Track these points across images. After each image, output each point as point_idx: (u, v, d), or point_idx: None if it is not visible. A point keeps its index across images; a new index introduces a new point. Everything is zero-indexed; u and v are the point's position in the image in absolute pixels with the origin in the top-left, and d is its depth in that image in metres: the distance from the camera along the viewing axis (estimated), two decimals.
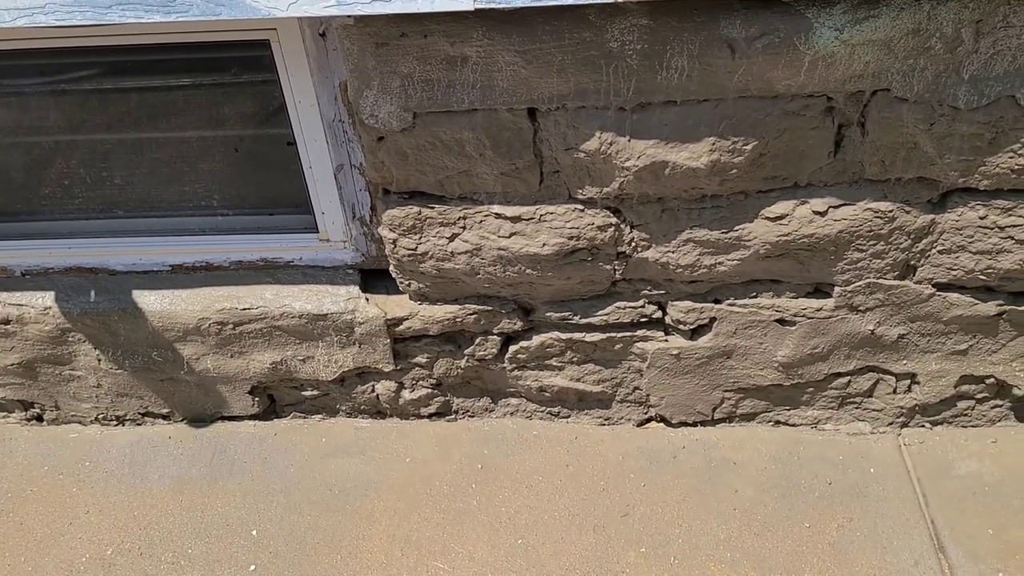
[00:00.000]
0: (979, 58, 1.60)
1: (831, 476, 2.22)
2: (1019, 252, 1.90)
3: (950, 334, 2.10)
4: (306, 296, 2.21)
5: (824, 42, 1.59)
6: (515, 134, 1.81)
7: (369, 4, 1.52)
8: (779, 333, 2.15)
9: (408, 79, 1.71)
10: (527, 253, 2.01)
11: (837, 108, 1.73)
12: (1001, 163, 1.75)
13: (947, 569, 1.96)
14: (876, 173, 1.81)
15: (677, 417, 2.40)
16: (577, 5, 1.55)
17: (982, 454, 2.23)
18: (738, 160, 1.79)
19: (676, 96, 1.72)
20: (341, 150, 2.01)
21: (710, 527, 2.12)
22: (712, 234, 1.95)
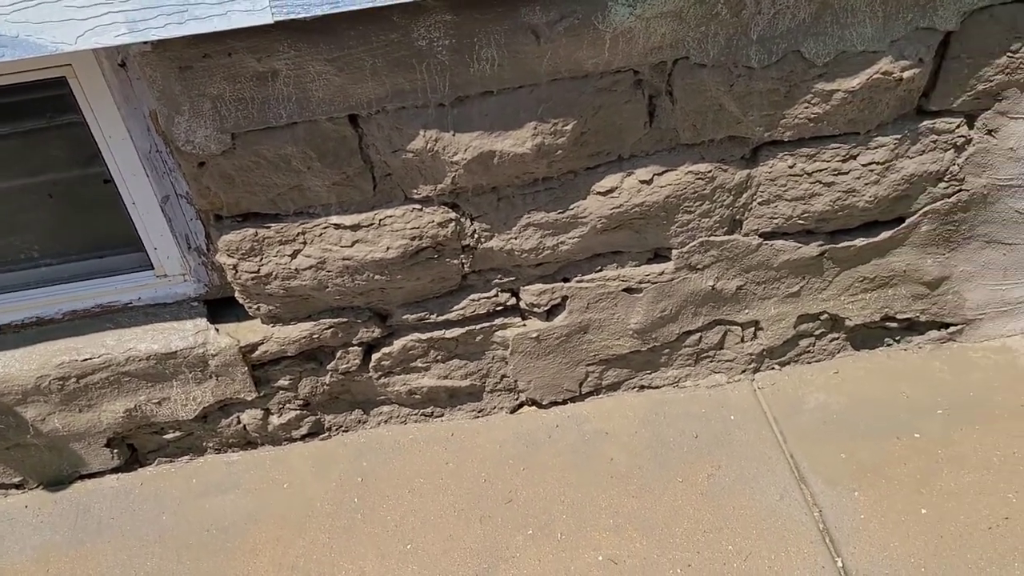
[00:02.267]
0: (763, 19, 1.71)
1: (697, 430, 2.32)
2: (828, 194, 2.04)
3: (782, 279, 2.23)
4: (151, 336, 2.12)
5: (620, 19, 1.66)
6: (340, 142, 1.80)
7: (163, 28, 1.48)
8: (629, 302, 2.23)
9: (219, 100, 1.68)
10: (373, 259, 2.00)
11: (645, 80, 1.80)
12: (799, 114, 1.88)
13: (809, 497, 2.09)
14: (690, 137, 1.91)
15: (547, 398, 2.45)
16: (378, 8, 1.56)
17: (827, 386, 2.39)
18: (561, 141, 1.84)
19: (492, 86, 1.75)
20: (164, 181, 1.94)
21: (591, 498, 2.18)
22: (550, 216, 2.00)
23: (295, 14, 1.50)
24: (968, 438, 2.17)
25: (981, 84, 1.90)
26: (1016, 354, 2.39)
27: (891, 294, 2.31)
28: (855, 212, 2.09)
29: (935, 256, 2.23)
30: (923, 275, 2.27)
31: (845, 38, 1.76)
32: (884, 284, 2.28)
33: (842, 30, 1.75)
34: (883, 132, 1.95)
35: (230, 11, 1.49)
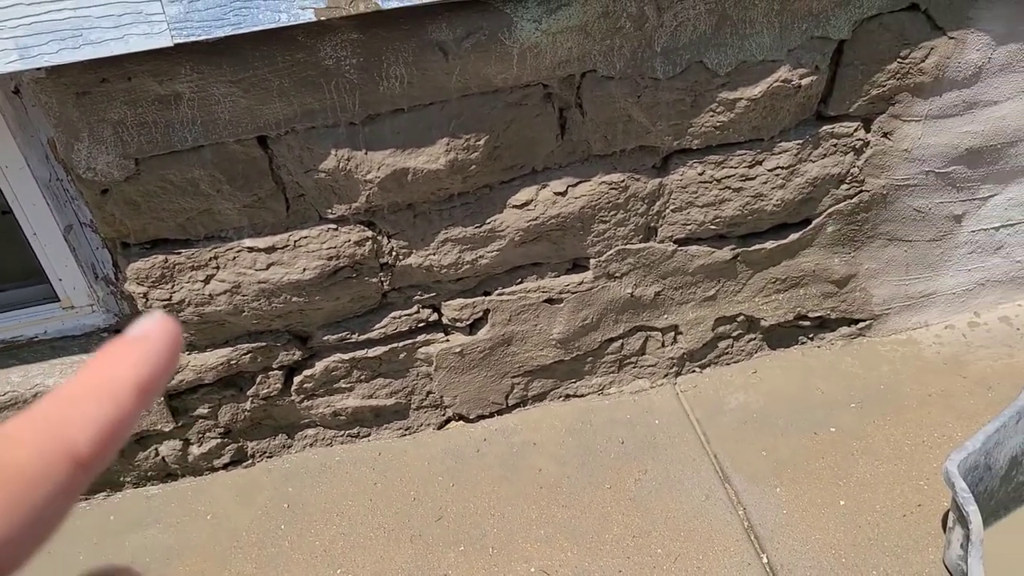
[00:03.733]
0: (666, 31, 1.75)
1: (623, 435, 2.35)
2: (738, 199, 2.09)
3: (698, 283, 2.28)
4: (60, 370, 2.05)
5: (526, 34, 1.67)
6: (249, 164, 1.77)
7: (56, 54, 1.43)
8: (550, 312, 2.25)
9: (121, 125, 1.63)
10: (289, 281, 1.97)
11: (555, 94, 1.83)
12: (705, 122, 1.92)
13: (734, 496, 2.14)
14: (602, 148, 1.94)
15: (474, 412, 2.45)
16: (282, 28, 1.54)
17: (746, 386, 2.45)
18: (475, 156, 1.85)
19: (403, 103, 1.75)
20: (66, 210, 1.88)
21: (521, 510, 2.18)
22: (467, 230, 2.00)
23: (195, 36, 1.48)
24: (880, 430, 2.24)
25: (875, 89, 1.98)
26: (921, 346, 2.49)
27: (802, 294, 2.38)
28: (764, 216, 2.15)
29: (841, 255, 2.31)
30: (831, 274, 2.34)
31: (745, 48, 1.82)
32: (795, 284, 2.35)
33: (742, 40, 1.80)
34: (786, 138, 2.02)
35: (127, 35, 1.45)
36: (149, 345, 0.28)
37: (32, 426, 0.25)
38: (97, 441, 0.25)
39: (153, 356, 0.27)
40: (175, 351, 0.28)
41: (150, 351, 0.27)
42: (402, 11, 1.58)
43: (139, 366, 0.27)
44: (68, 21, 1.42)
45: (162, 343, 0.28)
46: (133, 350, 0.27)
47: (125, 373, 0.27)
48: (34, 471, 0.24)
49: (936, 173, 2.17)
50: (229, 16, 1.47)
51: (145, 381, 0.27)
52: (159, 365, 0.27)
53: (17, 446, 0.24)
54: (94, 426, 0.25)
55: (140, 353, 0.27)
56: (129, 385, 0.26)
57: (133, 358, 0.27)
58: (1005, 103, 2.06)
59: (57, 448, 0.25)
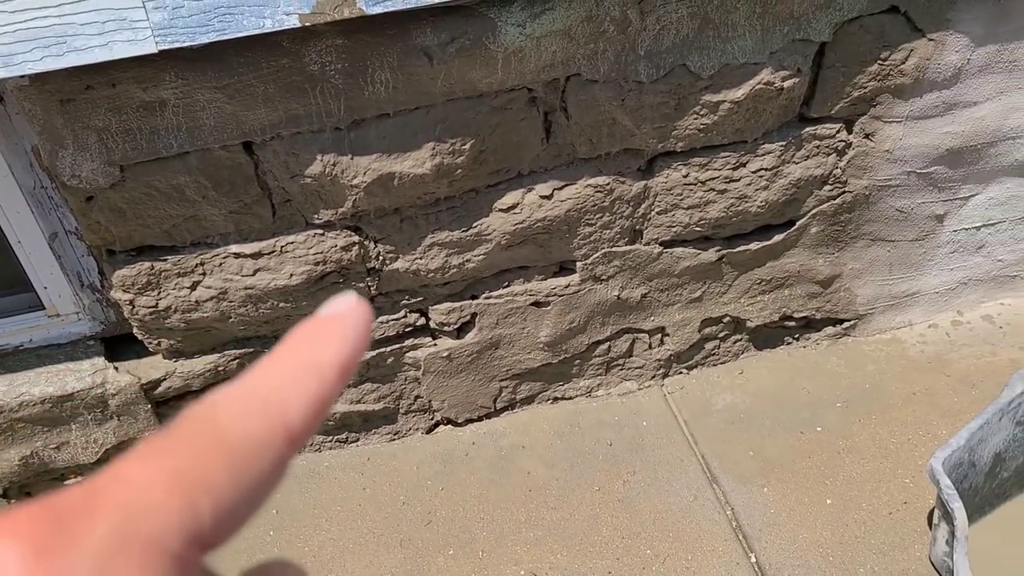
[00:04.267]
0: (649, 34, 1.76)
1: (611, 437, 2.36)
2: (722, 201, 2.11)
3: (684, 285, 2.29)
4: (45, 379, 2.04)
5: (511, 39, 1.68)
6: (235, 170, 1.77)
7: (40, 61, 1.43)
8: (537, 315, 2.25)
9: (105, 132, 1.63)
10: (276, 287, 1.97)
11: (539, 98, 1.84)
12: (689, 125, 1.94)
13: (721, 496, 2.15)
14: (587, 152, 1.95)
15: (462, 416, 2.46)
16: (267, 34, 1.54)
17: (733, 386, 2.46)
18: (460, 160, 1.86)
19: (388, 108, 1.75)
20: (51, 218, 1.87)
21: (510, 513, 2.19)
22: (454, 234, 2.01)
23: (180, 43, 1.48)
24: (866, 429, 2.26)
25: (856, 91, 2.00)
26: (905, 345, 2.52)
27: (787, 294, 2.40)
28: (748, 217, 2.17)
29: (826, 256, 2.33)
30: (816, 274, 2.36)
31: (728, 51, 1.84)
32: (780, 285, 2.37)
33: (724, 43, 1.82)
34: (769, 140, 2.03)
35: (112, 41, 1.45)
36: (346, 325, 0.28)
37: (253, 399, 0.26)
38: (307, 418, 0.26)
39: (350, 336, 0.28)
40: (368, 332, 0.29)
41: (347, 331, 0.28)
42: (387, 16, 1.59)
43: (340, 346, 0.28)
44: (52, 28, 1.42)
45: (357, 323, 0.29)
46: (332, 329, 0.28)
47: (328, 352, 0.28)
48: (259, 442, 0.25)
49: (917, 173, 2.19)
50: (213, 22, 1.47)
51: (345, 361, 0.28)
52: (356, 345, 0.28)
53: (242, 417, 0.25)
54: (305, 403, 0.26)
55: (339, 333, 0.28)
56: (332, 364, 0.27)
57: (334, 337, 0.28)
58: (984, 104, 2.09)
59: (276, 422, 0.25)
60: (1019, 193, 2.33)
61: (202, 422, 0.25)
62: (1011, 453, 1.94)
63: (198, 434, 0.24)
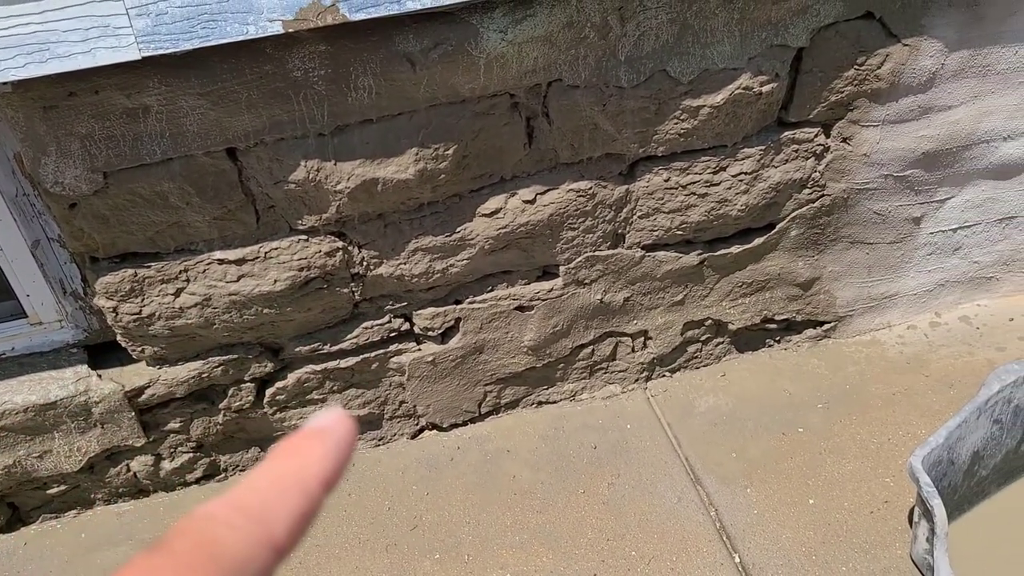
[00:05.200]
0: (629, 40, 1.79)
1: (595, 441, 2.37)
2: (703, 205, 2.13)
3: (666, 288, 2.31)
4: (28, 387, 2.03)
5: (492, 44, 1.70)
6: (219, 177, 1.77)
7: (23, 68, 1.43)
8: (521, 320, 2.27)
9: (89, 139, 1.63)
10: (260, 293, 1.97)
11: (521, 103, 1.85)
12: (669, 130, 1.96)
13: (705, 497, 2.17)
14: (569, 156, 1.96)
15: (447, 420, 2.46)
16: (250, 40, 1.55)
17: (716, 388, 2.48)
18: (444, 165, 1.87)
19: (371, 114, 1.76)
20: (33, 225, 1.87)
21: (496, 517, 2.19)
22: (437, 239, 2.02)
23: (163, 49, 1.48)
24: (847, 429, 2.29)
25: (833, 95, 2.03)
26: (885, 346, 2.55)
27: (768, 297, 2.42)
28: (729, 221, 2.19)
29: (805, 258, 2.35)
30: (796, 277, 2.39)
31: (707, 56, 1.86)
32: (761, 288, 2.39)
33: (703, 49, 1.85)
34: (749, 144, 2.06)
35: (94, 48, 1.45)
36: (331, 440, 0.29)
37: (242, 515, 0.27)
38: (293, 531, 0.27)
39: (335, 451, 0.29)
40: (352, 446, 0.30)
41: (332, 446, 0.29)
42: (369, 23, 1.60)
43: (324, 461, 0.29)
44: (35, 35, 1.42)
45: (342, 438, 0.30)
46: (318, 445, 0.29)
47: (313, 468, 0.28)
48: (248, 557, 0.26)
49: (894, 177, 2.22)
50: (197, 29, 1.48)
51: (330, 475, 0.29)
52: (340, 460, 0.29)
53: (231, 532, 0.26)
54: (291, 518, 0.27)
55: (324, 448, 0.29)
56: (317, 479, 0.28)
57: (318, 453, 0.29)
58: (959, 107, 2.12)
59: (262, 536, 0.26)
60: (994, 195, 2.37)
61: (194, 537, 0.26)
62: (989, 451, 1.97)
63: (191, 550, 0.25)
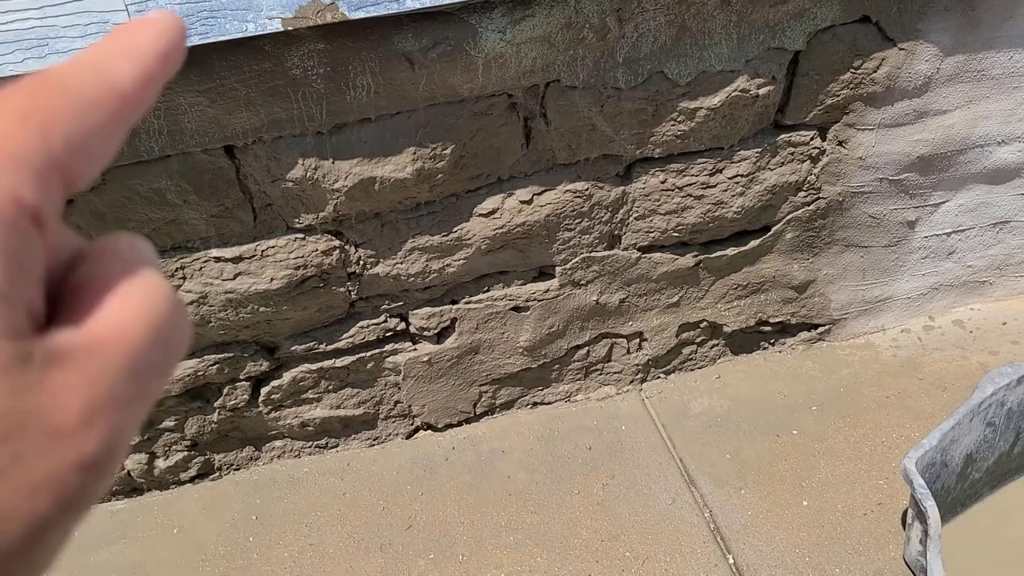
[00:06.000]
0: (627, 42, 1.79)
1: (590, 442, 2.37)
2: (699, 207, 2.14)
3: (662, 290, 2.32)
4: None
5: (491, 44, 1.70)
6: (216, 174, 1.77)
7: (21, 63, 1.43)
8: (517, 320, 2.27)
9: None
10: (257, 291, 1.97)
11: (519, 103, 1.86)
12: (666, 131, 1.97)
13: (699, 499, 2.17)
14: (566, 157, 1.97)
15: (442, 421, 2.46)
16: (250, 37, 1.55)
17: (711, 390, 2.49)
18: (441, 165, 1.87)
19: (370, 113, 1.77)
20: None
21: (490, 517, 2.20)
22: (434, 239, 2.02)
23: None
24: (841, 431, 2.30)
25: (829, 99, 2.04)
26: (879, 350, 2.56)
27: (763, 299, 2.43)
28: (725, 223, 2.20)
29: (800, 261, 2.36)
30: (791, 279, 2.40)
31: (704, 59, 1.87)
32: (756, 290, 2.40)
33: (701, 51, 1.85)
34: (745, 146, 2.07)
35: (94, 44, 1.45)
36: (161, 25, 0.29)
37: (84, 64, 0.27)
38: (138, 82, 0.28)
39: (166, 31, 0.29)
40: (181, 36, 0.29)
41: (163, 29, 0.29)
42: (369, 21, 1.61)
43: (159, 38, 0.28)
44: (33, 30, 1.42)
45: (171, 25, 0.29)
46: (148, 26, 0.29)
47: (147, 40, 0.28)
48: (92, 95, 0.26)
49: (890, 180, 2.24)
50: (196, 26, 1.48)
51: (166, 50, 0.28)
52: (172, 40, 0.29)
53: (76, 76, 0.27)
54: (133, 71, 0.27)
55: (155, 29, 0.29)
56: (153, 50, 0.28)
57: (151, 29, 0.29)
58: (954, 112, 2.14)
59: (109, 81, 0.27)
60: (988, 200, 2.38)
61: (38, 77, 0.26)
62: (982, 454, 1.98)
63: (38, 84, 0.26)
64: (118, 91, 0.27)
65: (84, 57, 0.28)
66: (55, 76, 0.27)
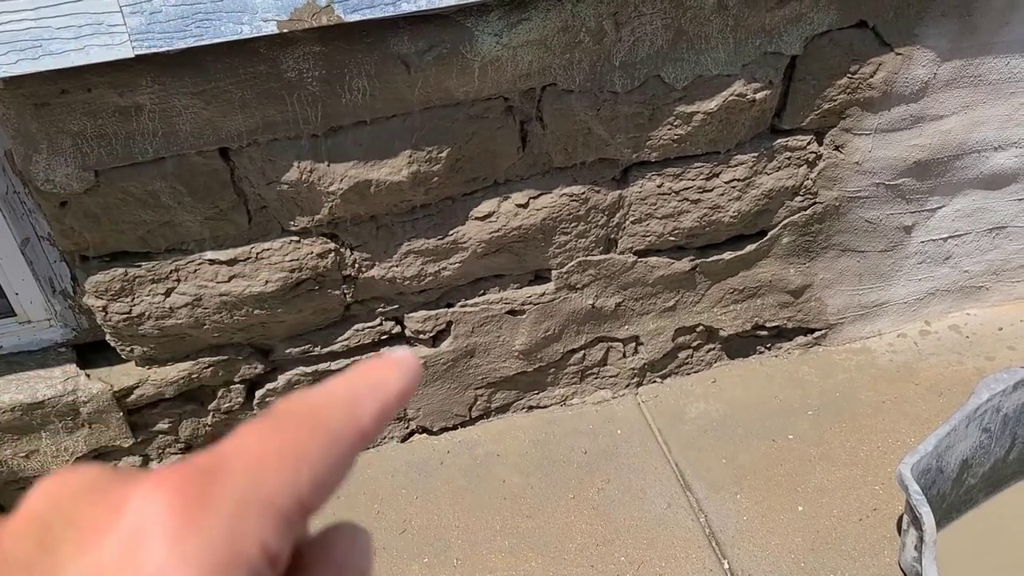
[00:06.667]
0: (624, 46, 1.79)
1: (585, 446, 2.37)
2: (696, 211, 2.14)
3: (658, 294, 2.32)
4: (15, 386, 2.01)
5: (487, 48, 1.70)
6: (211, 176, 1.77)
7: (15, 64, 1.42)
8: (513, 324, 2.26)
9: (80, 137, 1.62)
10: (251, 294, 1.97)
11: (515, 107, 1.85)
12: (663, 135, 1.96)
13: (695, 504, 2.17)
14: (562, 160, 1.96)
15: (438, 424, 2.46)
16: (244, 40, 1.55)
17: (706, 395, 2.48)
18: (437, 168, 1.87)
19: (365, 116, 1.76)
20: (23, 223, 1.86)
21: (485, 521, 2.19)
22: (430, 242, 2.01)
23: (157, 48, 1.48)
24: (837, 436, 2.29)
25: (826, 103, 2.03)
26: (875, 354, 2.56)
27: (759, 304, 2.43)
28: (721, 227, 2.20)
29: (797, 266, 2.36)
30: (787, 284, 2.40)
31: (701, 63, 1.86)
32: (753, 294, 2.40)
33: (698, 55, 1.85)
34: (742, 151, 2.06)
35: (88, 46, 1.44)
36: (406, 365, 0.33)
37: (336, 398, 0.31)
38: (376, 421, 0.31)
39: (409, 372, 0.33)
40: (419, 377, 0.34)
41: (406, 368, 0.33)
42: (364, 24, 1.60)
43: (401, 377, 0.32)
44: (28, 32, 1.41)
45: (414, 366, 0.33)
46: (395, 364, 0.33)
47: (393, 380, 0.32)
48: (339, 430, 0.30)
49: (886, 185, 2.23)
50: (191, 28, 1.47)
51: (405, 386, 0.32)
52: (411, 381, 0.33)
53: (328, 409, 0.30)
54: (375, 408, 0.31)
55: (401, 368, 0.33)
56: (395, 386, 0.32)
57: (397, 370, 0.33)
58: (950, 117, 2.14)
59: (352, 417, 0.30)
60: (984, 205, 2.38)
61: (299, 408, 0.30)
62: (977, 460, 1.98)
63: (298, 418, 0.29)
64: (360, 428, 0.30)
65: (337, 391, 0.31)
66: (310, 408, 0.30)
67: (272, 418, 0.29)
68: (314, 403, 0.30)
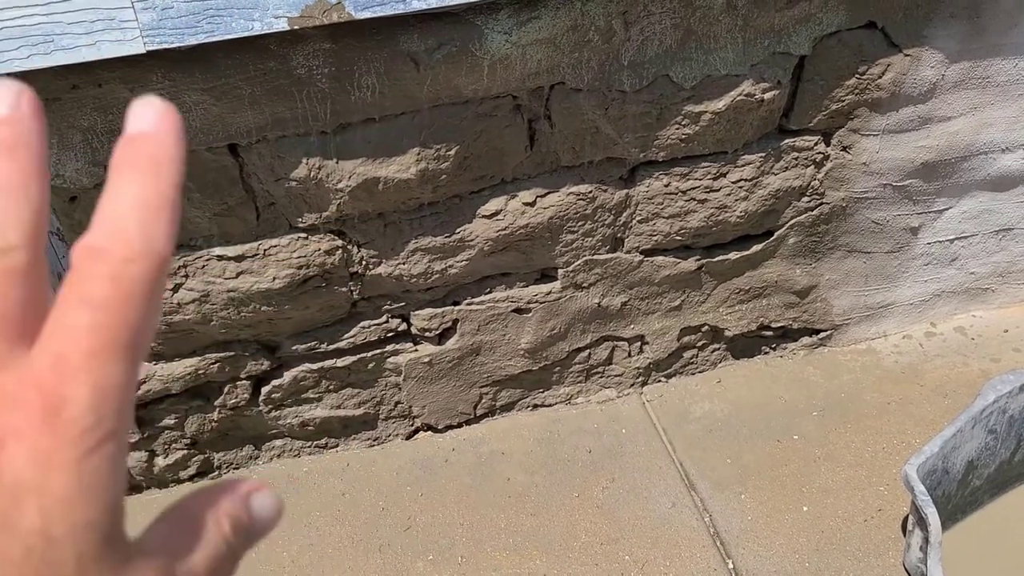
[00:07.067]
0: (633, 45, 1.79)
1: (590, 445, 2.37)
2: (703, 211, 2.14)
3: (664, 294, 2.32)
4: None
5: (497, 46, 1.70)
6: (220, 173, 1.77)
7: (27, 60, 1.42)
8: (519, 322, 2.27)
9: (91, 132, 1.62)
10: (259, 290, 1.97)
11: (524, 105, 1.86)
12: (671, 135, 1.97)
13: (699, 503, 2.17)
14: (570, 159, 1.97)
15: (443, 422, 2.46)
16: (255, 36, 1.55)
17: (711, 395, 2.49)
18: (445, 166, 1.87)
19: (374, 113, 1.76)
20: None
21: (490, 519, 2.19)
22: (437, 240, 2.02)
23: (168, 43, 1.48)
24: (842, 437, 2.29)
25: (834, 104, 2.04)
26: (880, 356, 2.56)
27: (765, 304, 2.43)
28: (728, 227, 2.20)
29: (803, 266, 2.36)
30: (793, 284, 2.40)
31: (709, 63, 1.87)
32: (758, 295, 2.40)
33: (706, 55, 1.85)
34: (749, 151, 2.07)
35: (99, 41, 1.45)
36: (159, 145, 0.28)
37: None
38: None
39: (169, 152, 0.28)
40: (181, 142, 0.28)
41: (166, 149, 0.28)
42: (374, 21, 1.60)
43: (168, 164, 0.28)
44: (39, 27, 1.42)
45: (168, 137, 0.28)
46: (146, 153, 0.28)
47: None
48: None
49: (893, 186, 2.23)
50: (202, 24, 1.48)
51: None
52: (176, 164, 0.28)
53: None
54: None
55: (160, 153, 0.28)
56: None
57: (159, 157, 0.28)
58: (958, 119, 2.14)
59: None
60: (991, 207, 2.38)
61: None
62: (983, 461, 1.98)
63: None
64: None
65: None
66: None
67: None
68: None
